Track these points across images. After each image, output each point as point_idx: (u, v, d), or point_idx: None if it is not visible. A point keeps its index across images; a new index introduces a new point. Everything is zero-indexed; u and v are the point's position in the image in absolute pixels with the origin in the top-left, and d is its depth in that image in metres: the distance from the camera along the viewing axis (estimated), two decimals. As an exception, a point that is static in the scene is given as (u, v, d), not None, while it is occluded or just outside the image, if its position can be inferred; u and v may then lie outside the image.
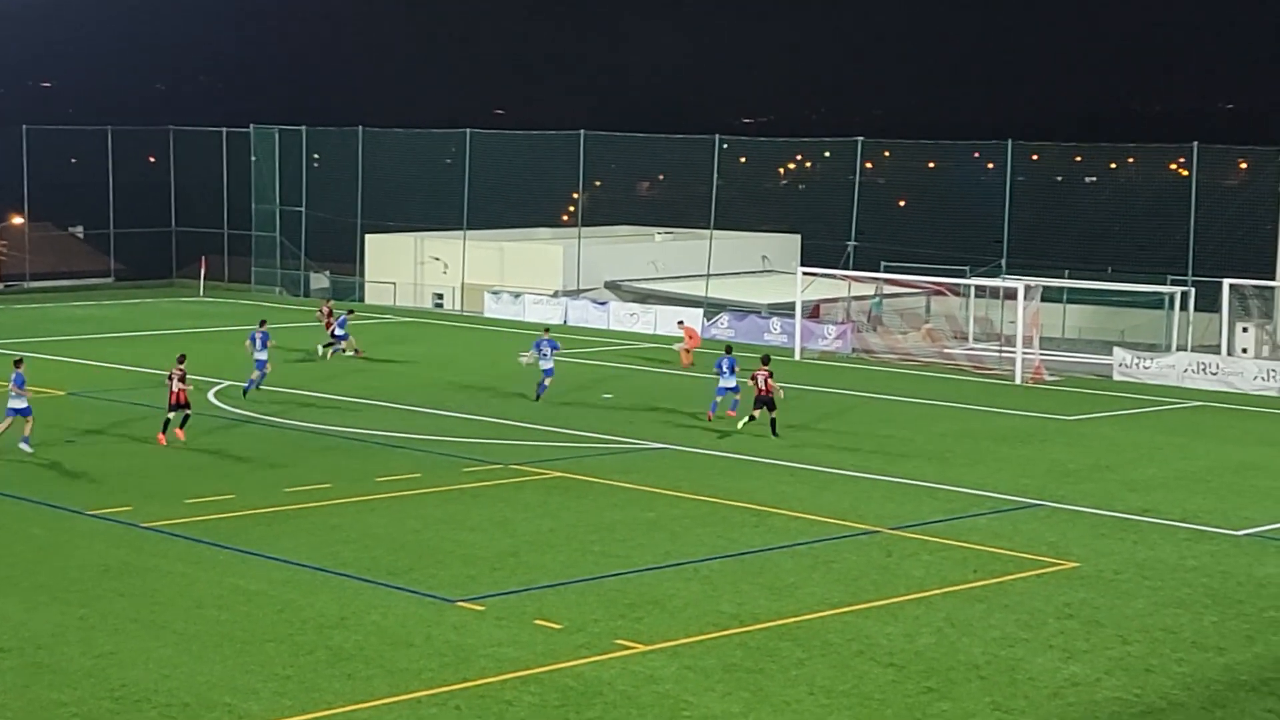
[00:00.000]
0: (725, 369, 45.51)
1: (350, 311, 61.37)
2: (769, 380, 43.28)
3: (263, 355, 48.12)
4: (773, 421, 43.54)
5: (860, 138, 72.97)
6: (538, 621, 26.21)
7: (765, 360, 44.59)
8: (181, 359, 41.87)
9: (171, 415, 41.24)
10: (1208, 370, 55.57)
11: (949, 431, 45.94)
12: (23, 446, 39.61)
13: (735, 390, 45.46)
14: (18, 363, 40.82)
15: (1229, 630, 26.67)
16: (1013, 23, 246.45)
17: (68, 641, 25.03)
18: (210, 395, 49.46)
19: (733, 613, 26.97)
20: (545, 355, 49.14)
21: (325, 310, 61.34)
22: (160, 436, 41.39)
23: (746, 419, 43.76)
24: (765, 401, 43.38)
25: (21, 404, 39.67)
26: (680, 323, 62.42)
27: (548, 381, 49.22)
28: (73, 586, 28.07)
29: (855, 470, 39.54)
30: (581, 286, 75.27)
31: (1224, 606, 28.02)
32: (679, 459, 40.81)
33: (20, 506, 34.36)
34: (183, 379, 41.14)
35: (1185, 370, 55.86)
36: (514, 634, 25.56)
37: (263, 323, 49.87)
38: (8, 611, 26.56)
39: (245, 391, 48.24)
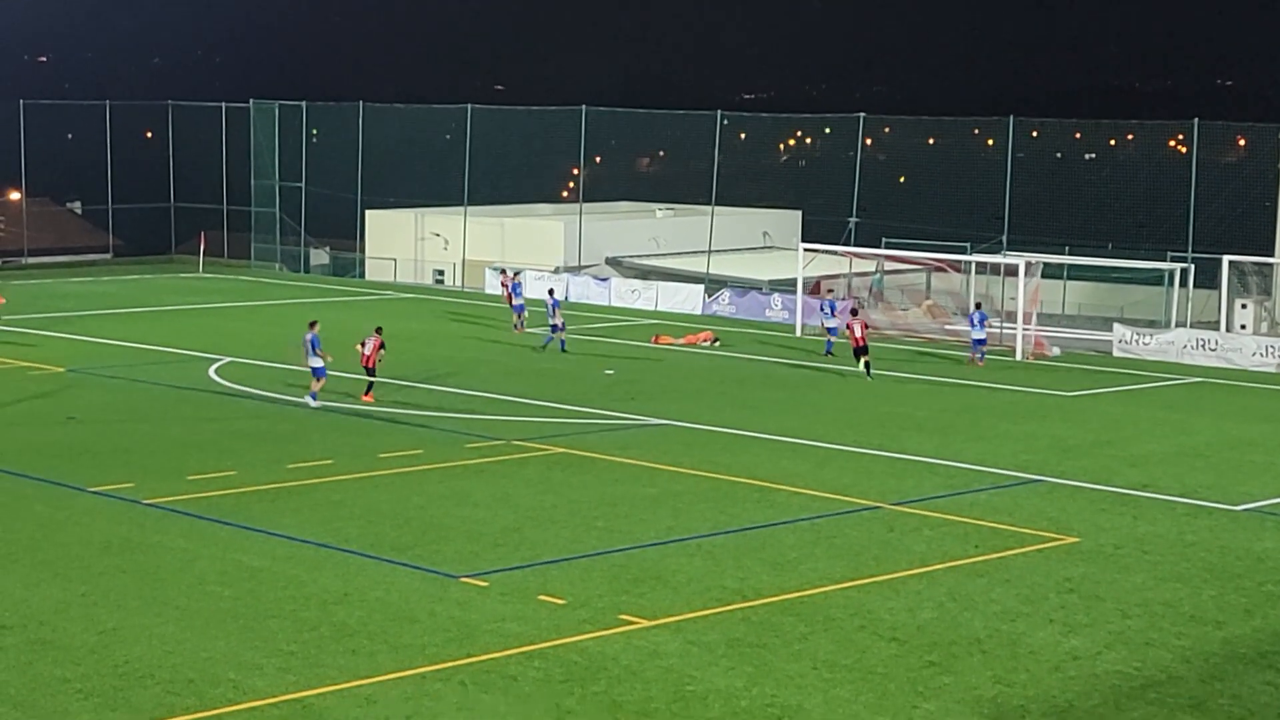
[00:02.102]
0: (828, 310, 56.11)
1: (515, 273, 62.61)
2: (864, 329, 50.64)
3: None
4: (867, 365, 49.94)
5: (861, 114, 72.98)
6: (541, 597, 26.27)
7: (854, 312, 52.72)
8: (379, 330, 45.49)
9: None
10: (1207, 346, 55.62)
11: (950, 407, 45.99)
12: (308, 400, 43.41)
13: (834, 333, 54.68)
14: (313, 324, 44.82)
15: (1228, 604, 26.75)
16: (1013, 0, 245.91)
17: (70, 618, 25.07)
18: (211, 371, 49.50)
19: (736, 588, 27.04)
20: (552, 313, 55.09)
21: (507, 279, 61.05)
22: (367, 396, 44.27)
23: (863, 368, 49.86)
24: (861, 350, 50.01)
25: (318, 363, 43.57)
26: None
27: (559, 336, 54.75)
28: (74, 563, 28.11)
29: (856, 446, 39.59)
30: (582, 262, 75.28)
31: (1223, 581, 28.10)
32: (680, 434, 40.86)
33: (21, 484, 34.39)
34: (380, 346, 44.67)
35: (1185, 346, 55.92)
36: (518, 609, 25.62)
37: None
38: (9, 589, 26.60)
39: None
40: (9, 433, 39.79)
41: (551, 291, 58.28)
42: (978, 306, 55.65)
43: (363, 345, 45.26)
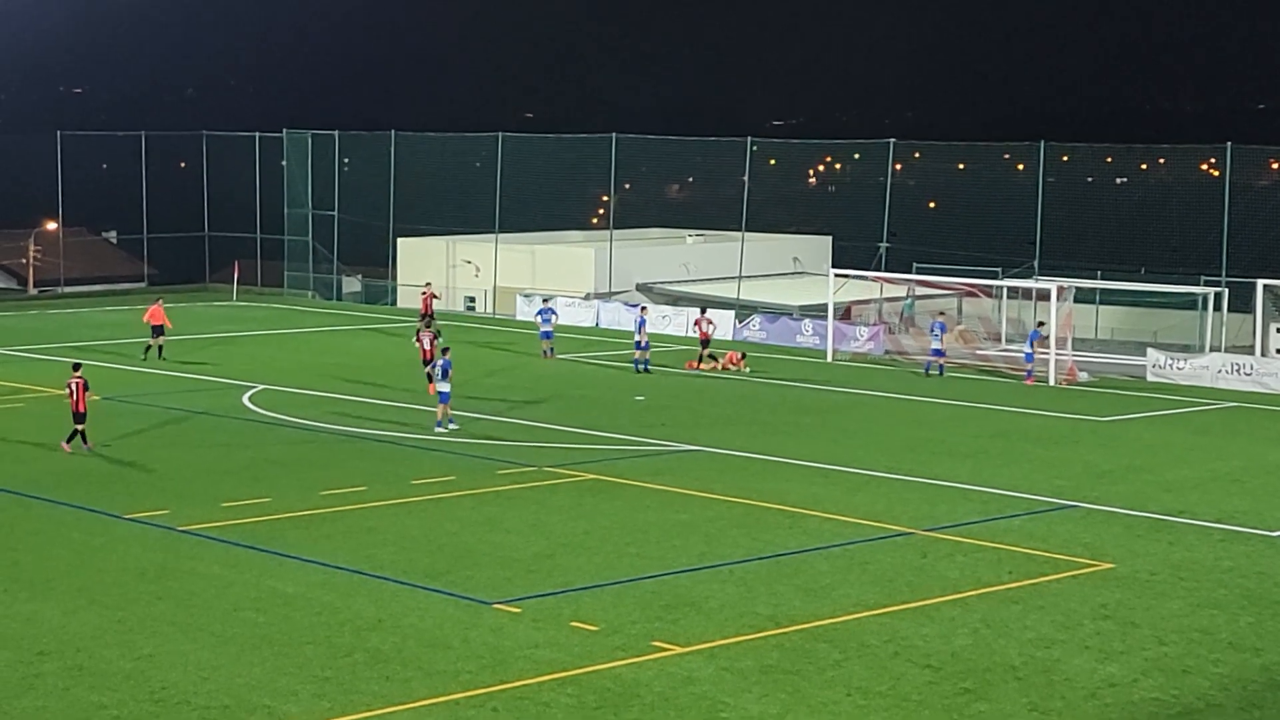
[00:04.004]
0: (937, 332, 57.40)
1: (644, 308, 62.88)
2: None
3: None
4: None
5: (891, 140, 72.96)
6: (574, 623, 26.29)
7: (703, 310, 58.59)
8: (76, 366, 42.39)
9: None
10: (1241, 371, 55.40)
11: (982, 432, 45.90)
12: (446, 425, 43.86)
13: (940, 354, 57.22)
14: (445, 350, 45.92)
15: (1266, 631, 26.63)
16: (1043, 25, 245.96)
17: (107, 644, 25.19)
18: (245, 399, 49.66)
19: (769, 614, 27.02)
20: (547, 321, 60.06)
21: (705, 323, 60.02)
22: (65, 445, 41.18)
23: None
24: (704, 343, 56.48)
25: (445, 388, 44.16)
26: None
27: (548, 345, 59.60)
28: (111, 590, 28.24)
29: (888, 472, 39.54)
30: (613, 289, 75.34)
31: (1261, 607, 27.97)
32: (711, 460, 40.86)
33: (59, 511, 34.56)
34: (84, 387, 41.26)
35: (1219, 371, 55.70)
36: (551, 636, 25.64)
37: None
38: (47, 615, 26.74)
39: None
40: (46, 460, 40.00)
41: (643, 310, 61.12)
42: (1039, 325, 56.87)
43: (419, 340, 52.03)
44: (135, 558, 30.45)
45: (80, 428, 41.03)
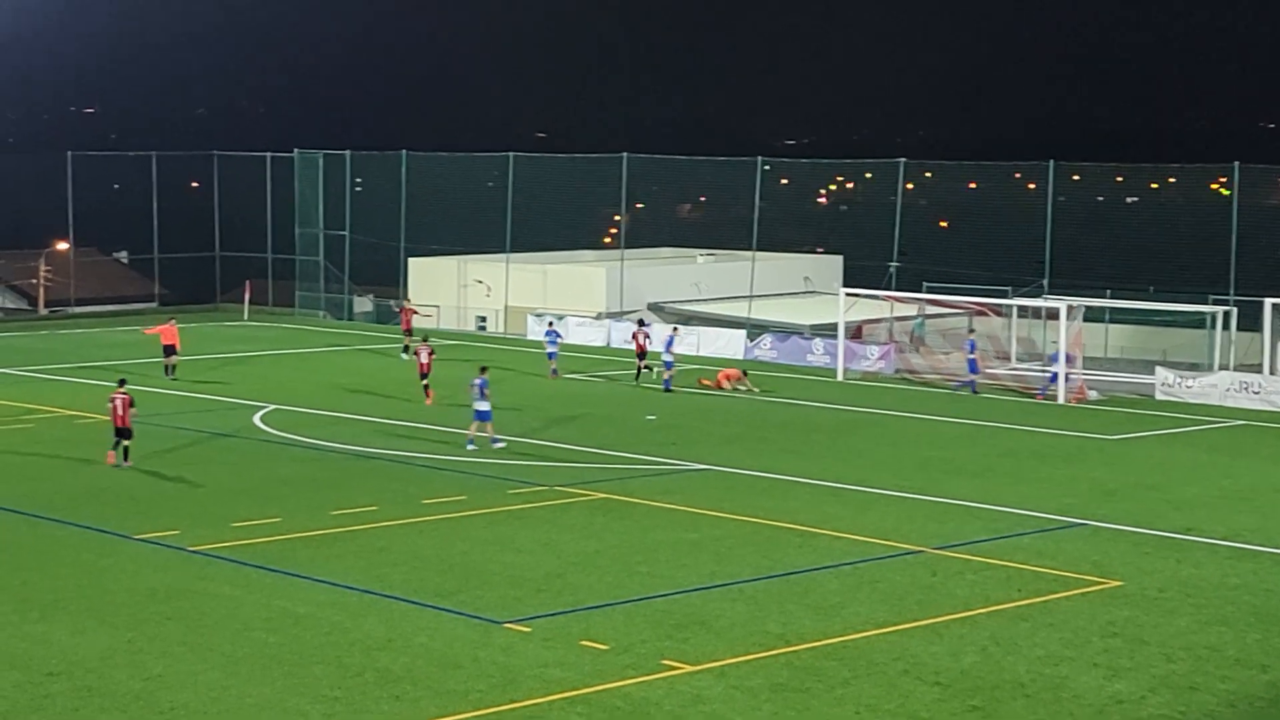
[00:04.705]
0: (969, 348, 58.32)
1: (675, 329, 63.06)
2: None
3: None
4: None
5: (902, 159, 73.05)
6: (584, 642, 26.35)
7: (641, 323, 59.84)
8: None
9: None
10: (1250, 389, 55.42)
11: (992, 451, 45.95)
12: (469, 446, 44.33)
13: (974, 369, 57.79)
14: (483, 369, 46.37)
15: (1273, 648, 26.65)
16: (1052, 44, 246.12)
17: (116, 665, 25.25)
18: (256, 419, 49.78)
19: (778, 632, 27.07)
20: (553, 341, 61.50)
21: (641, 335, 60.54)
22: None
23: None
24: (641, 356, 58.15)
25: (485, 406, 44.55)
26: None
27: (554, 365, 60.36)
28: (121, 610, 28.31)
29: (898, 490, 39.59)
30: (624, 308, 75.45)
31: (1268, 624, 28.00)
32: (721, 480, 40.92)
33: (68, 531, 34.66)
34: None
35: (1227, 389, 55.72)
36: (561, 655, 25.70)
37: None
38: (56, 636, 26.81)
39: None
40: (56, 480, 40.11)
41: (675, 329, 62.20)
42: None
43: (418, 354, 54.05)
44: (145, 578, 30.53)
45: (125, 442, 41.62)
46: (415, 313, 69.07)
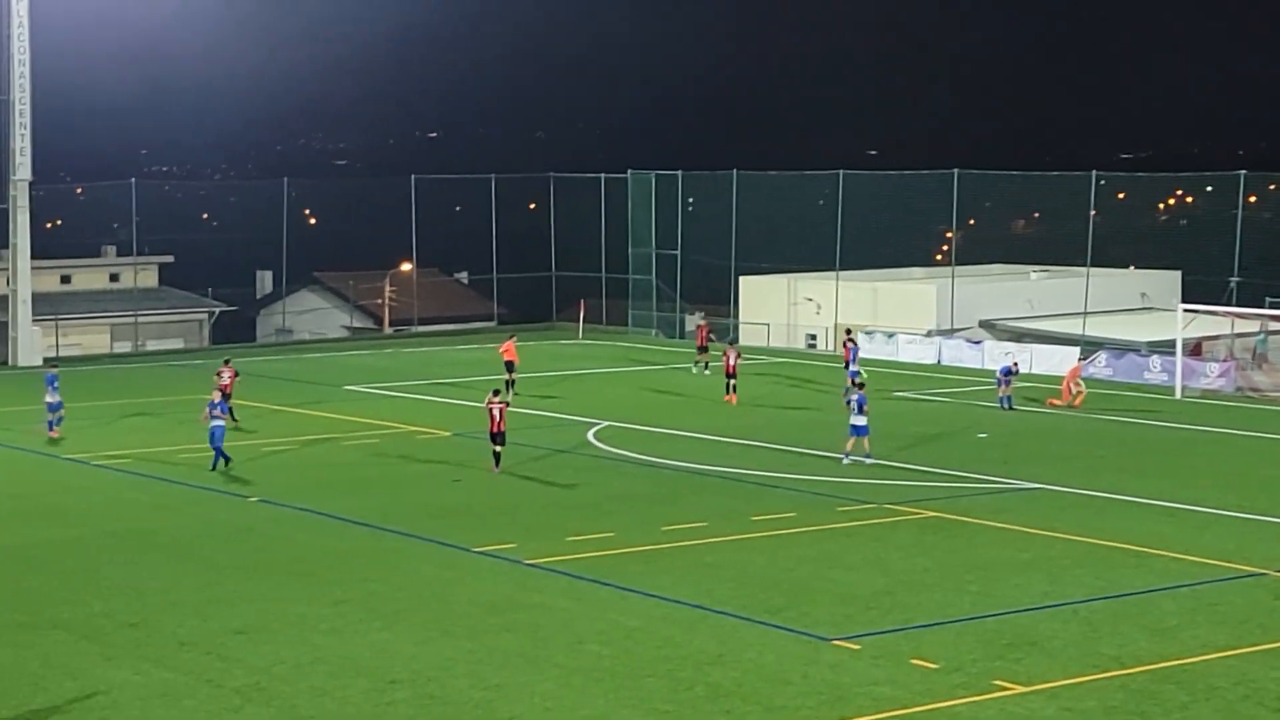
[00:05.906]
0: None
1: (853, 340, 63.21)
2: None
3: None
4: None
5: (1243, 171, 71.07)
6: (914, 661, 26.26)
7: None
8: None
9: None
10: None
11: (1340, 472, 44.42)
12: (844, 460, 44.65)
13: None
14: (861, 385, 46.29)
15: None
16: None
17: (456, 674, 25.95)
18: (589, 435, 50.61)
19: (1113, 654, 26.61)
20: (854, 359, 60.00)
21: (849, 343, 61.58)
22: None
23: None
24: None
25: (861, 421, 44.58)
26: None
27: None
28: (460, 621, 29.07)
29: (1238, 511, 38.54)
30: (955, 326, 74.79)
31: None
32: (1054, 499, 40.33)
33: (411, 544, 35.69)
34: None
35: None
36: (890, 673, 25.66)
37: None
38: (401, 645, 27.66)
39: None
40: (400, 494, 41.33)
41: (1010, 357, 61.84)
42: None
43: (726, 356, 57.08)
44: (484, 590, 31.29)
45: (498, 449, 43.50)
46: (711, 331, 70.05)
